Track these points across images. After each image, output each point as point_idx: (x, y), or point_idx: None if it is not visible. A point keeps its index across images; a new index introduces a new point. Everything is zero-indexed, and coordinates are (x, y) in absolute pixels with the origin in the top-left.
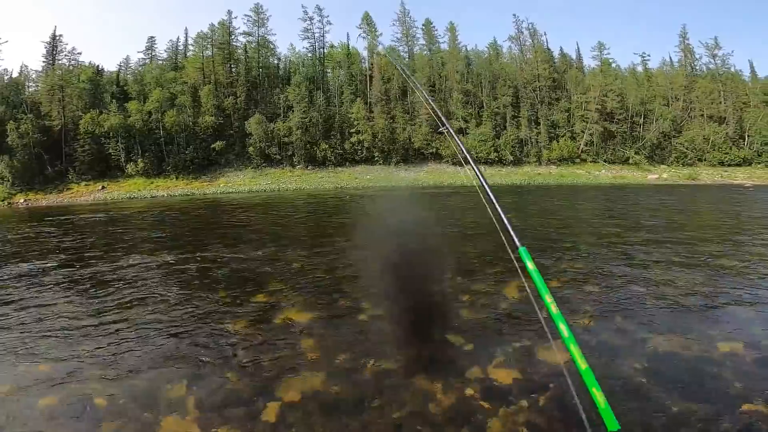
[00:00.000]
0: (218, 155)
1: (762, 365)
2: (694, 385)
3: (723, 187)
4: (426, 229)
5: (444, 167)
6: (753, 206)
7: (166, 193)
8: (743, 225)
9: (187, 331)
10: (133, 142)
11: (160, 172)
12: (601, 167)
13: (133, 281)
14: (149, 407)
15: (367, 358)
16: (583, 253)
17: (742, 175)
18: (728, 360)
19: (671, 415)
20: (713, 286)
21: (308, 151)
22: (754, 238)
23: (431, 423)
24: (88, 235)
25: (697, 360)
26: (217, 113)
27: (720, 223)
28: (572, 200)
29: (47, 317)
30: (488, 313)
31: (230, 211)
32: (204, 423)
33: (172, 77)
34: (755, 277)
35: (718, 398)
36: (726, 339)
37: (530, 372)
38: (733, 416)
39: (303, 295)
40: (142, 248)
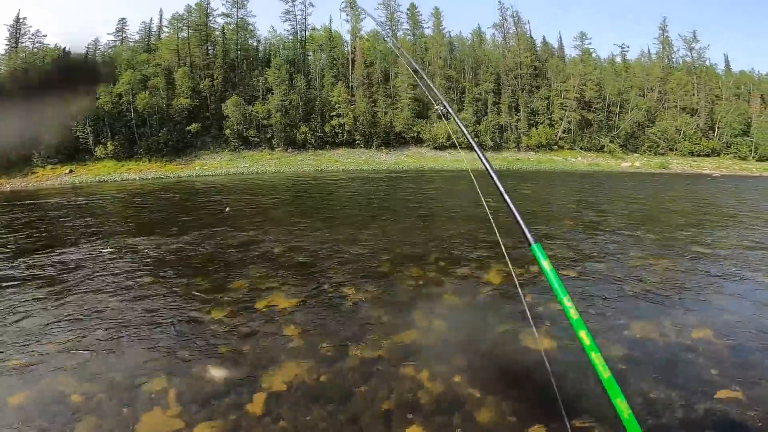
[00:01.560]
0: (194, 138)
1: (734, 352)
2: (671, 371)
3: (692, 176)
4: (409, 213)
5: (425, 151)
6: (720, 195)
7: (138, 176)
8: (712, 213)
9: (163, 320)
10: (102, 124)
11: (131, 154)
12: (578, 154)
13: (104, 269)
14: (127, 402)
15: (353, 344)
16: (560, 238)
17: (710, 165)
18: (702, 346)
19: (650, 402)
20: (686, 272)
21: (288, 134)
22: (722, 226)
23: (420, 412)
24: (54, 220)
25: (673, 346)
26: (193, 95)
27: (690, 210)
28: (549, 186)
29: (11, 308)
30: (472, 297)
31: (207, 194)
32: (187, 417)
33: (144, 59)
34: (725, 264)
35: (694, 385)
36: (700, 325)
37: (516, 359)
38: (709, 403)
39: (284, 280)
40: (113, 233)
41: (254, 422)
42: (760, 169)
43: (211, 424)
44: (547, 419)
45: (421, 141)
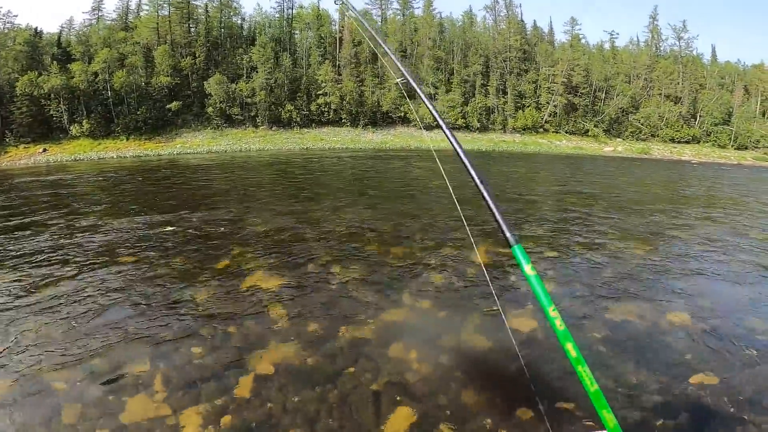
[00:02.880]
0: (174, 116)
1: (708, 336)
2: (649, 355)
3: (672, 162)
4: (395, 192)
5: (412, 131)
6: (698, 181)
7: (115, 154)
8: (690, 198)
9: (145, 303)
10: (77, 103)
11: (108, 133)
12: (562, 138)
13: (82, 250)
14: (112, 389)
15: (340, 325)
16: (543, 219)
17: (690, 152)
18: (678, 330)
19: (629, 386)
20: (664, 256)
21: (272, 112)
22: (700, 211)
23: (409, 393)
24: (28, 199)
25: (651, 330)
26: (174, 74)
27: (669, 195)
28: (535, 168)
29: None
30: (458, 277)
31: (188, 172)
32: (174, 402)
33: (122, 37)
34: (702, 249)
35: (670, 369)
36: (675, 309)
37: (501, 338)
38: (684, 387)
39: (269, 259)
40: (89, 213)
41: (242, 405)
42: (738, 157)
43: (198, 409)
44: (534, 399)
45: (408, 121)
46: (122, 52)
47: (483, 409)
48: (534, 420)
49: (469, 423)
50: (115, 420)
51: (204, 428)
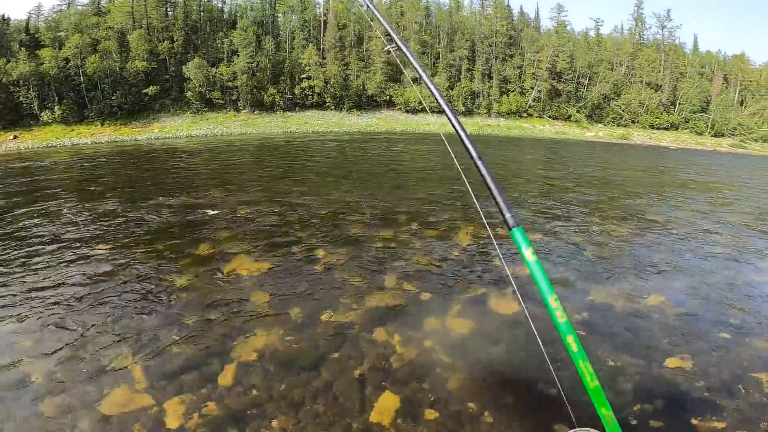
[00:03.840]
0: (151, 100)
1: (682, 320)
2: (627, 338)
3: (651, 147)
4: (380, 175)
5: (397, 114)
6: (675, 166)
7: (90, 140)
8: (667, 183)
9: (123, 291)
10: (48, 89)
11: (81, 118)
12: (546, 122)
13: (56, 238)
14: (92, 380)
15: (323, 310)
16: (526, 202)
17: (668, 138)
18: (654, 314)
19: (608, 369)
20: (642, 240)
21: (255, 96)
22: (676, 196)
23: (393, 378)
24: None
25: (628, 313)
26: (150, 58)
27: (647, 179)
28: (519, 151)
29: None
30: (442, 260)
31: (166, 157)
32: (156, 393)
33: (94, 22)
34: (677, 233)
35: (647, 353)
36: (652, 292)
37: (484, 322)
38: (659, 370)
39: (252, 244)
40: (64, 200)
41: (226, 394)
42: (714, 144)
43: (182, 398)
44: (517, 384)
45: (394, 104)
46: (95, 38)
47: (466, 393)
48: (517, 404)
49: (453, 407)
50: (96, 412)
51: (188, 417)
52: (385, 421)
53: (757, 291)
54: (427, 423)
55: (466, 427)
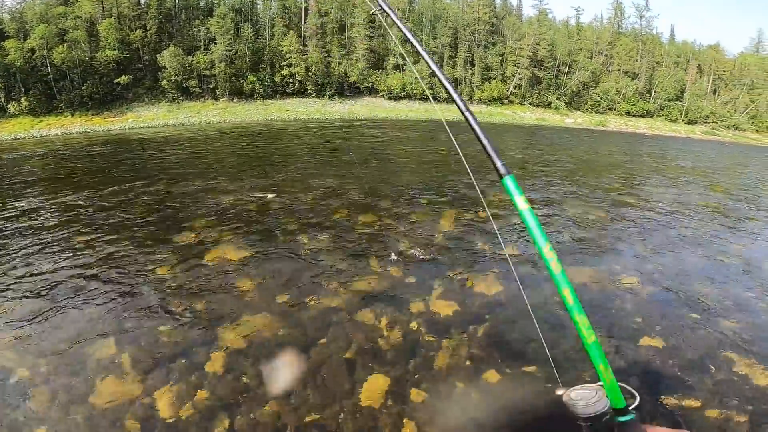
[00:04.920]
0: (124, 90)
1: (655, 299)
2: (604, 318)
3: (627, 134)
4: (362, 160)
5: (380, 101)
6: (649, 152)
7: (60, 131)
8: (642, 167)
9: (105, 281)
10: (14, 80)
11: (50, 109)
12: (526, 109)
13: (33, 230)
14: (79, 373)
15: (310, 295)
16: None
17: (644, 125)
18: (629, 294)
19: (584, 349)
20: (616, 222)
21: (234, 84)
22: (650, 179)
23: (381, 359)
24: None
25: (605, 293)
26: (122, 47)
27: (622, 164)
28: (500, 137)
29: None
30: (426, 243)
31: (142, 146)
32: (146, 383)
33: (61, 12)
34: (650, 216)
35: (622, 332)
36: (627, 272)
37: (468, 303)
38: (634, 350)
39: (235, 231)
40: (38, 191)
41: (215, 381)
42: (687, 131)
43: (171, 388)
44: (500, 362)
45: (376, 91)
46: (62, 27)
47: (453, 373)
48: (502, 381)
49: (441, 387)
50: (86, 404)
51: (179, 406)
52: (375, 403)
53: (724, 272)
54: (415, 403)
55: (454, 406)
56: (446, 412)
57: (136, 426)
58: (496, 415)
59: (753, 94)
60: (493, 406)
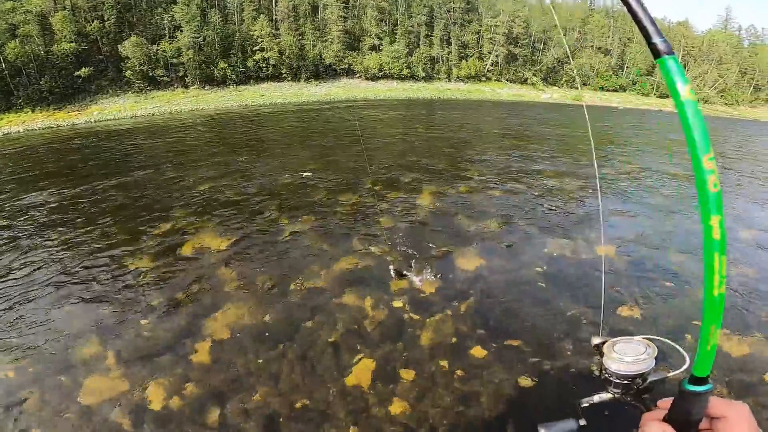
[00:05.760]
0: (86, 82)
1: (631, 268)
2: (582, 288)
3: (601, 107)
4: (341, 141)
5: (357, 82)
6: (620, 125)
7: (21, 128)
8: (616, 139)
9: (82, 279)
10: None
11: (9, 106)
12: (504, 86)
13: (3, 229)
14: (64, 371)
15: (292, 279)
16: (487, 160)
17: (617, 99)
18: (606, 263)
19: (567, 320)
20: (592, 191)
21: (204, 71)
22: (623, 151)
23: (367, 340)
24: None
25: (583, 263)
26: (79, 39)
27: (597, 136)
28: (479, 113)
29: None
30: (406, 220)
31: (110, 138)
32: (132, 377)
33: (9, 7)
34: (624, 186)
35: (600, 302)
36: (602, 242)
37: (450, 279)
38: (614, 320)
39: (213, 218)
40: (5, 190)
41: (203, 373)
42: (658, 104)
43: (159, 381)
44: (484, 338)
45: (353, 72)
46: (12, 23)
47: (438, 351)
48: (486, 357)
49: (427, 366)
50: (76, 402)
51: (169, 399)
52: (363, 384)
53: (695, 240)
54: (404, 383)
55: (439, 383)
56: (435, 390)
57: (127, 421)
58: (484, 392)
59: (721, 69)
60: (481, 383)
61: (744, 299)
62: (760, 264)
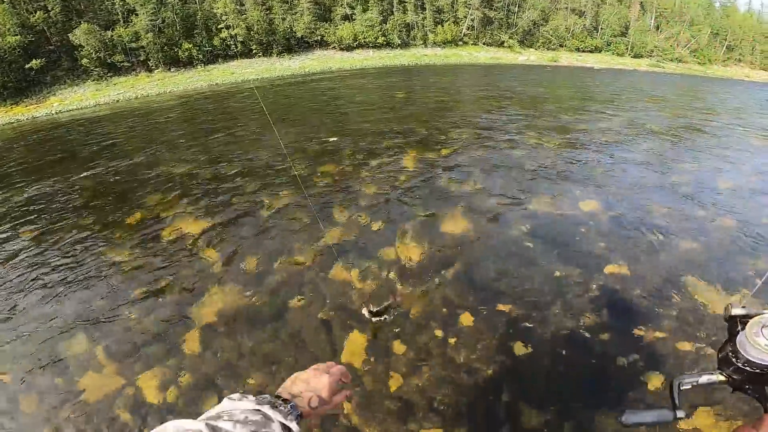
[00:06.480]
0: (40, 74)
1: (616, 224)
2: (568, 247)
3: (577, 68)
4: (317, 113)
5: (331, 53)
6: (597, 84)
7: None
8: (593, 98)
9: (62, 275)
10: None
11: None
12: (481, 49)
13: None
14: (59, 372)
15: (277, 256)
16: (468, 121)
17: (592, 59)
18: (591, 220)
19: (555, 280)
20: (573, 150)
21: (167, 54)
22: (602, 109)
23: (358, 316)
24: None
25: (567, 220)
26: (24, 31)
27: (576, 96)
28: (458, 77)
29: None
30: (390, 186)
31: (76, 129)
32: (126, 372)
33: None
34: (605, 141)
35: (587, 260)
36: (586, 198)
37: (437, 246)
38: (601, 279)
39: (190, 202)
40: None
41: (196, 361)
42: (633, 64)
43: (153, 373)
44: (474, 302)
45: (327, 44)
46: None
47: (430, 319)
48: (477, 322)
49: (420, 336)
50: (74, 402)
51: (165, 390)
52: (358, 361)
53: (677, 193)
54: (398, 356)
55: (433, 354)
56: (429, 361)
57: (128, 416)
58: (479, 361)
59: (693, 30)
60: (474, 351)
61: (726, 251)
62: (744, 213)
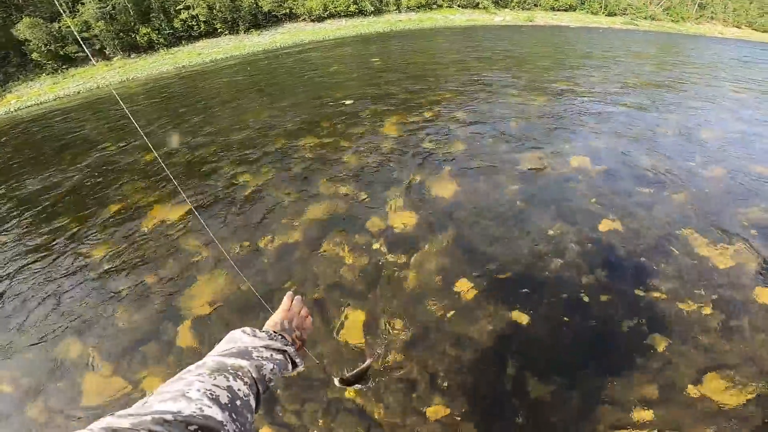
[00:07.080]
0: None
1: (605, 178)
2: (560, 204)
3: (554, 27)
4: (292, 87)
5: (302, 25)
6: (574, 42)
7: None
8: (571, 55)
9: (45, 279)
10: None
11: None
12: (456, 12)
13: None
14: (60, 377)
15: (264, 236)
16: (449, 84)
17: (567, 18)
18: (581, 174)
19: (550, 239)
20: (557, 106)
21: (124, 40)
22: (579, 65)
23: (350, 291)
24: None
25: (558, 177)
26: None
27: (553, 54)
28: (434, 41)
29: None
30: (373, 155)
31: (39, 126)
32: (124, 372)
33: None
34: (586, 98)
35: (581, 216)
36: (575, 153)
37: (427, 212)
38: (596, 236)
39: (166, 189)
40: None
41: (192, 354)
42: (608, 22)
43: (151, 371)
44: (470, 270)
45: (296, 16)
46: None
47: (425, 292)
48: (474, 291)
49: (417, 311)
50: (79, 407)
51: None
52: (355, 339)
53: (665, 143)
54: (396, 332)
55: (431, 327)
56: (428, 335)
57: None
58: (478, 332)
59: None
60: (474, 322)
61: (719, 202)
62: (732, 162)
